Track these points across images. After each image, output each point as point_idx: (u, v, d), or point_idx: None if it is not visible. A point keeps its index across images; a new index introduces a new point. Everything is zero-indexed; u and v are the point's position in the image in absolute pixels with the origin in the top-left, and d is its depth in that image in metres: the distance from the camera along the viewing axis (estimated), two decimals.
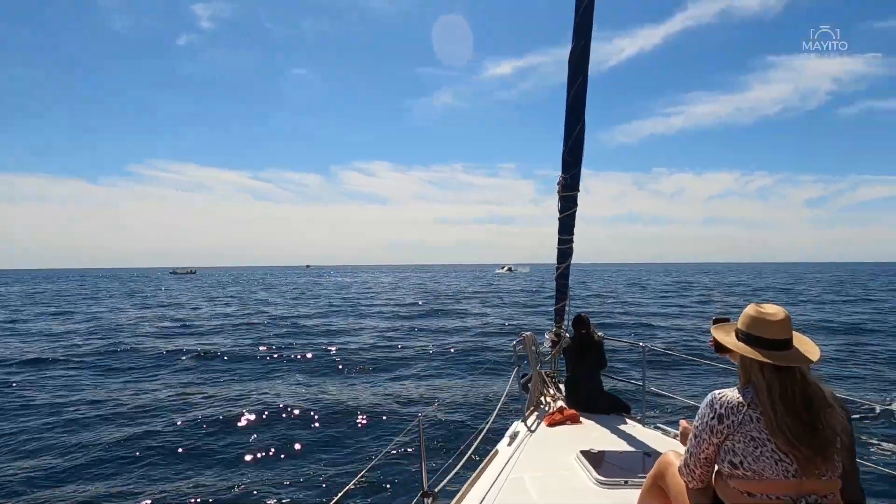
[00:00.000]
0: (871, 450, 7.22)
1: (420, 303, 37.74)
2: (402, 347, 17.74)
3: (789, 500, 1.73)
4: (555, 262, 6.04)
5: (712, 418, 1.88)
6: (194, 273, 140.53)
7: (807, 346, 1.92)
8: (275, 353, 16.22)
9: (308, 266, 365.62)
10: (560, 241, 6.02)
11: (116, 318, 27.69)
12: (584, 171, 5.63)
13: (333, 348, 16.96)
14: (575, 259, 6.03)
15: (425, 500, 2.57)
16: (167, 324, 24.29)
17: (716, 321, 2.16)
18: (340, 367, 14.37)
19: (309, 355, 15.78)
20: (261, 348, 16.92)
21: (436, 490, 2.65)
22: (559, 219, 5.90)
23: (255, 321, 24.98)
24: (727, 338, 1.99)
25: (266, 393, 11.32)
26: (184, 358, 15.25)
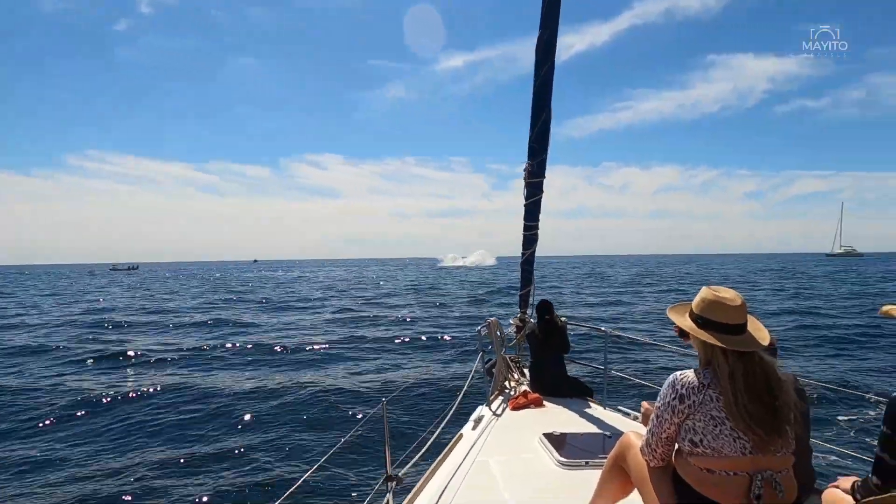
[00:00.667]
0: (829, 428, 7.52)
1: (379, 294, 37.76)
2: (364, 336, 17.65)
3: (746, 475, 1.78)
4: (505, 254, 6.06)
5: (674, 398, 1.91)
6: (136, 269, 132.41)
7: (758, 329, 1.97)
8: (230, 346, 15.80)
9: (255, 261, 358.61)
10: (525, 228, 6.03)
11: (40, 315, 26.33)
12: None
13: (291, 340, 16.74)
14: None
15: (389, 483, 2.55)
16: (95, 322, 23.05)
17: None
18: (300, 357, 14.20)
19: (266, 347, 15.53)
20: (215, 343, 16.46)
21: (399, 474, 2.64)
22: (525, 205, 5.91)
23: (203, 318, 23.99)
24: (684, 321, 2.02)
25: (225, 382, 11.12)
26: (131, 355, 14.73)
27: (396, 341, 16.56)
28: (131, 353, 14.66)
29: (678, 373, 1.96)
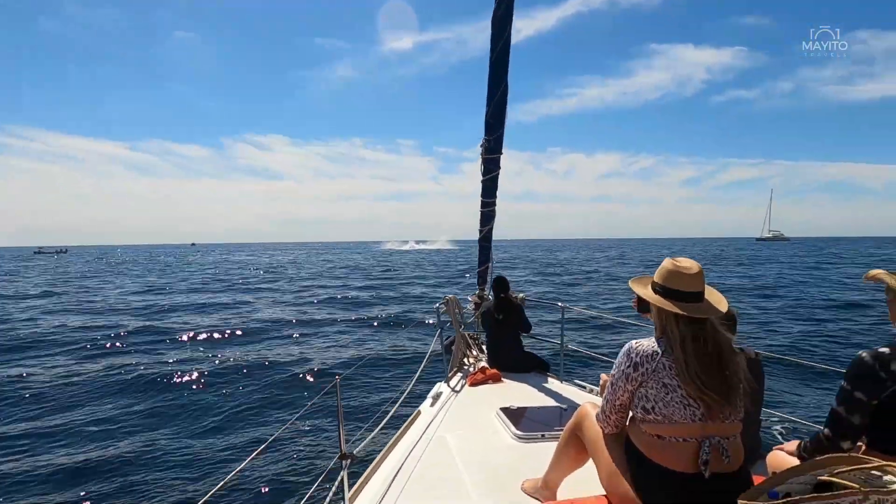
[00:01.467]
0: (787, 400, 7.87)
1: (332, 276, 37.52)
2: (318, 316, 17.46)
3: (695, 441, 1.82)
4: (449, 238, 6.04)
5: (628, 366, 1.93)
6: (65, 252, 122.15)
7: (716, 297, 2.01)
8: (174, 329, 15.29)
9: (193, 244, 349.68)
10: (483, 204, 6.02)
11: None
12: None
13: (240, 321, 16.40)
14: (473, 236, 6.13)
15: (343, 462, 2.50)
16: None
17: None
18: (249, 337, 13.90)
19: (212, 328, 15.07)
20: (159, 326, 15.92)
21: (354, 452, 2.59)
22: (482, 181, 5.88)
23: (143, 302, 23.04)
24: (644, 290, 2.05)
25: (168, 362, 10.83)
26: (63, 339, 14.13)
27: (352, 320, 16.42)
28: (63, 336, 14.04)
29: (633, 341, 1.99)
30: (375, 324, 15.92)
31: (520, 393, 4.46)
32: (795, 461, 2.13)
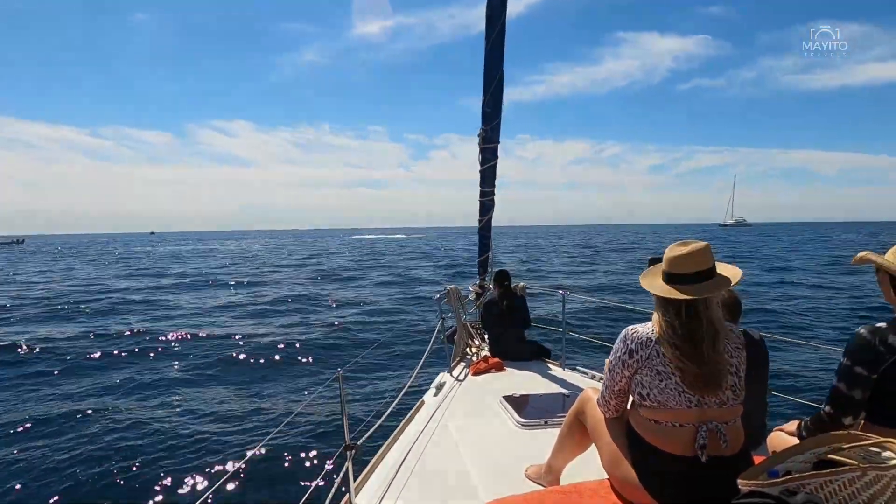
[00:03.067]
0: (789, 382, 7.89)
1: (324, 264, 37.44)
2: (316, 306, 17.46)
3: (692, 426, 1.82)
4: (421, 226, 6.02)
5: (624, 353, 1.94)
6: (22, 243, 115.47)
7: (728, 273, 1.96)
8: (165, 325, 15.26)
9: (153, 233, 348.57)
10: (482, 194, 6.03)
11: None
12: (453, 136, 5.71)
13: (231, 313, 16.38)
14: (451, 223, 6.09)
15: (347, 452, 2.52)
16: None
17: (651, 261, 2.17)
18: (250, 327, 13.90)
19: (213, 318, 15.13)
20: (146, 319, 15.83)
21: (358, 443, 2.61)
22: (480, 171, 5.88)
23: (126, 294, 22.75)
24: (654, 281, 1.99)
25: (174, 350, 10.92)
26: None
27: (352, 311, 16.41)
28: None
29: (630, 327, 1.99)
30: (376, 314, 15.91)
31: (522, 381, 4.49)
32: (796, 441, 2.14)
